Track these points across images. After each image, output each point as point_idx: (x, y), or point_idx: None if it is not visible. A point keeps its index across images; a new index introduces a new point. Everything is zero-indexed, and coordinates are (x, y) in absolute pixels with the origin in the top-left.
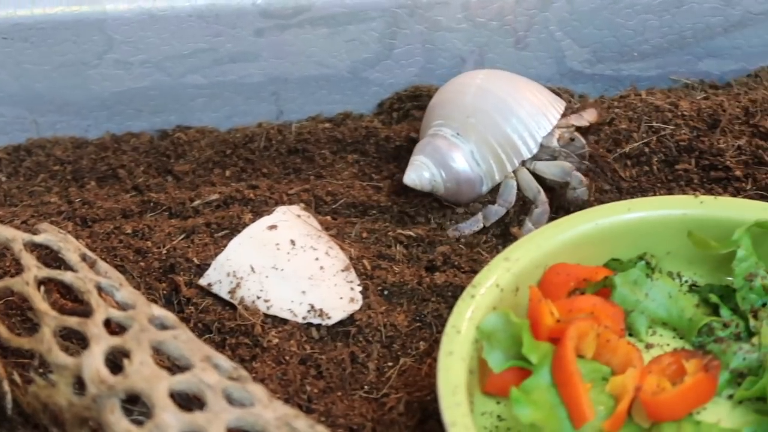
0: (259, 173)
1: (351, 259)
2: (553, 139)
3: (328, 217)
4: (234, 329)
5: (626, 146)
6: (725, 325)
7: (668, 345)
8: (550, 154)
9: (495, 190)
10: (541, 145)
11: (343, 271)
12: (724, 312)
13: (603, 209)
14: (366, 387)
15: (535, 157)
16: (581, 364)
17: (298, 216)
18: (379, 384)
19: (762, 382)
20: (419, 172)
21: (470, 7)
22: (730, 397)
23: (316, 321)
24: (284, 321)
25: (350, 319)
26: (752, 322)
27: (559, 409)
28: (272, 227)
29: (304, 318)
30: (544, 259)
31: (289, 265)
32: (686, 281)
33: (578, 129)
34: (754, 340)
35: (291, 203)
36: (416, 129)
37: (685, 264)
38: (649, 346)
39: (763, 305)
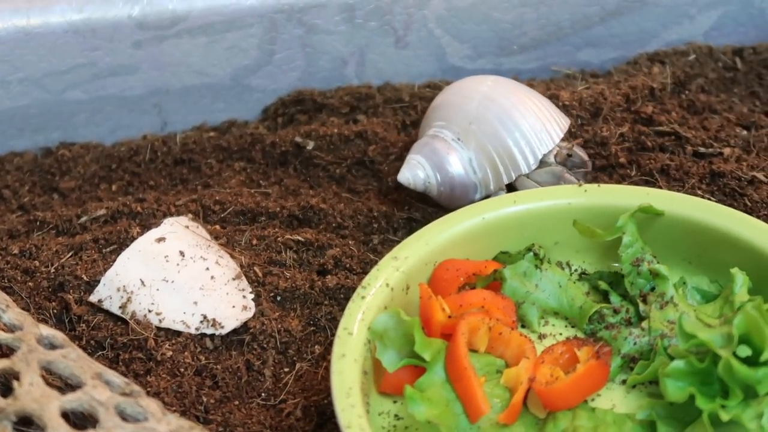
0: (145, 186)
1: (242, 266)
2: (550, 155)
3: (217, 226)
4: (127, 344)
5: None
6: (615, 311)
7: (561, 334)
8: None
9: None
10: (540, 161)
11: (234, 279)
12: (614, 298)
13: (489, 203)
14: (263, 394)
15: None
16: (474, 359)
17: (187, 227)
18: (276, 390)
19: (653, 365)
20: (414, 171)
21: (348, 8)
22: (624, 382)
23: (210, 331)
24: (177, 333)
25: (244, 327)
26: (641, 306)
27: (455, 404)
28: (160, 239)
29: (197, 329)
30: (433, 256)
31: (179, 276)
32: (576, 270)
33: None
34: (644, 324)
35: (179, 214)
36: (301, 133)
37: (574, 253)
38: (542, 337)
39: (652, 289)
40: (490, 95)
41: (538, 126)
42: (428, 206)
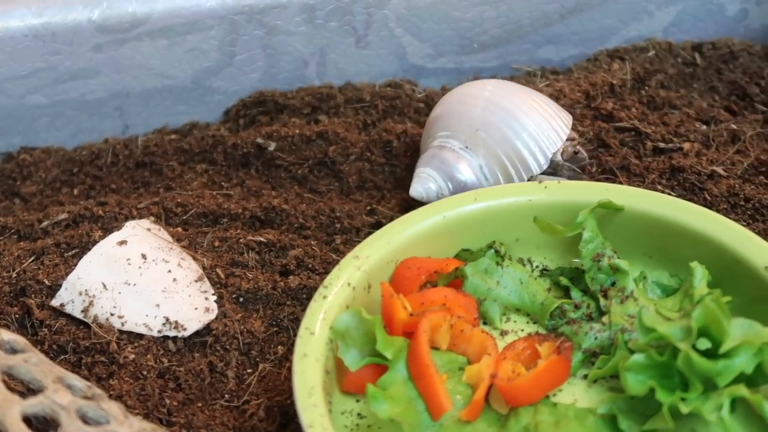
0: (107, 189)
1: (204, 268)
2: (558, 153)
3: (179, 229)
4: (89, 348)
5: None
6: (576, 307)
7: (522, 330)
8: (553, 168)
9: None
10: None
11: (196, 281)
12: (575, 294)
13: (450, 201)
14: (226, 395)
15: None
16: (437, 356)
17: (148, 230)
18: (239, 392)
19: (614, 360)
20: (426, 185)
21: (308, 9)
22: (585, 377)
23: (172, 333)
24: (140, 336)
25: (206, 329)
26: (602, 301)
27: (417, 402)
28: (122, 243)
29: (159, 331)
30: (395, 254)
31: (141, 279)
32: (537, 266)
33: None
34: (605, 319)
35: (141, 217)
36: (262, 134)
37: (535, 249)
38: (504, 333)
39: (612, 284)
40: (494, 99)
41: (545, 125)
42: (389, 206)
